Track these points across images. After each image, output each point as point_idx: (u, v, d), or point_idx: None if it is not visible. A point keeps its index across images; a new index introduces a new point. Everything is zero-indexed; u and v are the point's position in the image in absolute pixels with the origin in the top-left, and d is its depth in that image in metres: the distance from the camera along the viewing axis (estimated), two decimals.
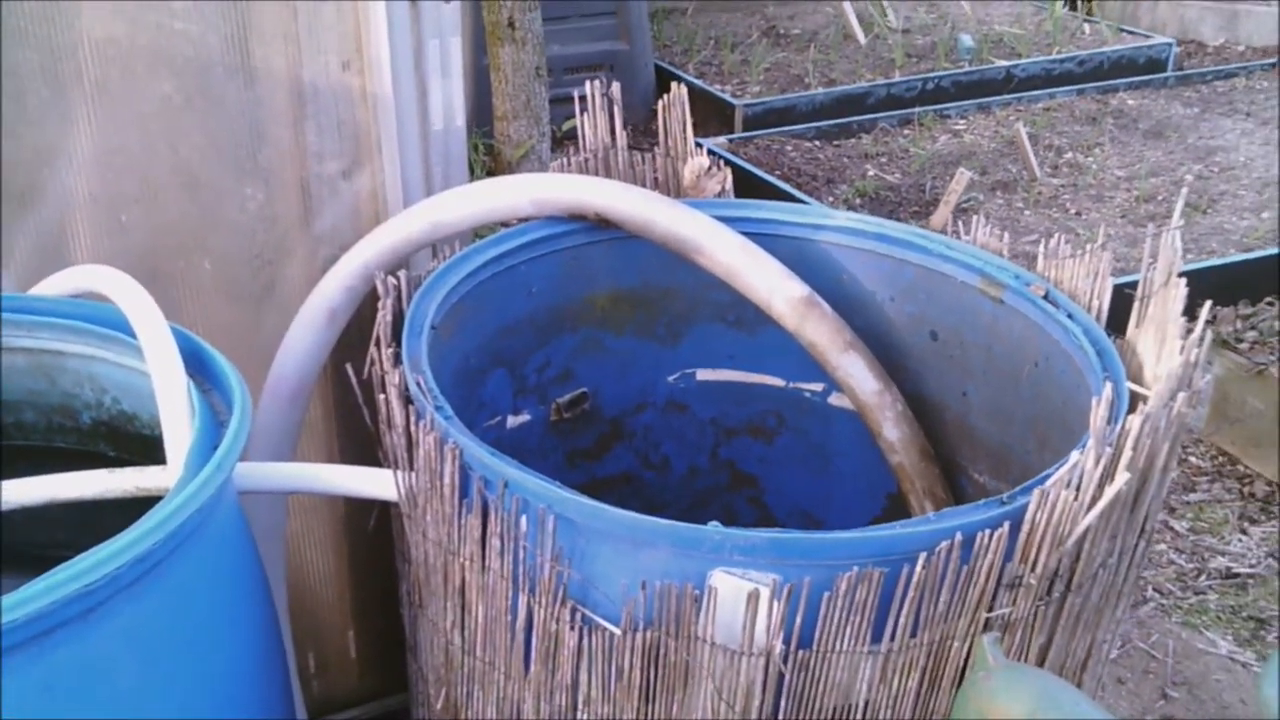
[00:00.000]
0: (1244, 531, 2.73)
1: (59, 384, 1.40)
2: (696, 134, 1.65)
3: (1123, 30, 5.55)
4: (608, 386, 1.69)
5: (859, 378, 1.54)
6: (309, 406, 1.59)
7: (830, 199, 4.05)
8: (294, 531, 1.72)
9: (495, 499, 1.11)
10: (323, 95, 1.56)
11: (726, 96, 4.78)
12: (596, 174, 1.63)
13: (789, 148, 4.42)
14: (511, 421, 1.62)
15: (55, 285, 1.37)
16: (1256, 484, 2.89)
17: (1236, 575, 2.59)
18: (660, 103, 1.60)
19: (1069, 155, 4.40)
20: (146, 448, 1.38)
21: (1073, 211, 3.98)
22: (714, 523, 1.04)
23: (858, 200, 4.06)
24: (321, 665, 1.82)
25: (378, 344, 1.30)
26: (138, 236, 1.53)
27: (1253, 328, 3.10)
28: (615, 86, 1.60)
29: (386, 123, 1.59)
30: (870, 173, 4.29)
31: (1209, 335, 1.15)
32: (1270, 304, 3.19)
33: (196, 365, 1.28)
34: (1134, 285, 1.34)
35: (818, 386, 1.70)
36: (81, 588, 0.93)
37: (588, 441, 1.72)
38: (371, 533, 1.54)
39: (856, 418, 1.62)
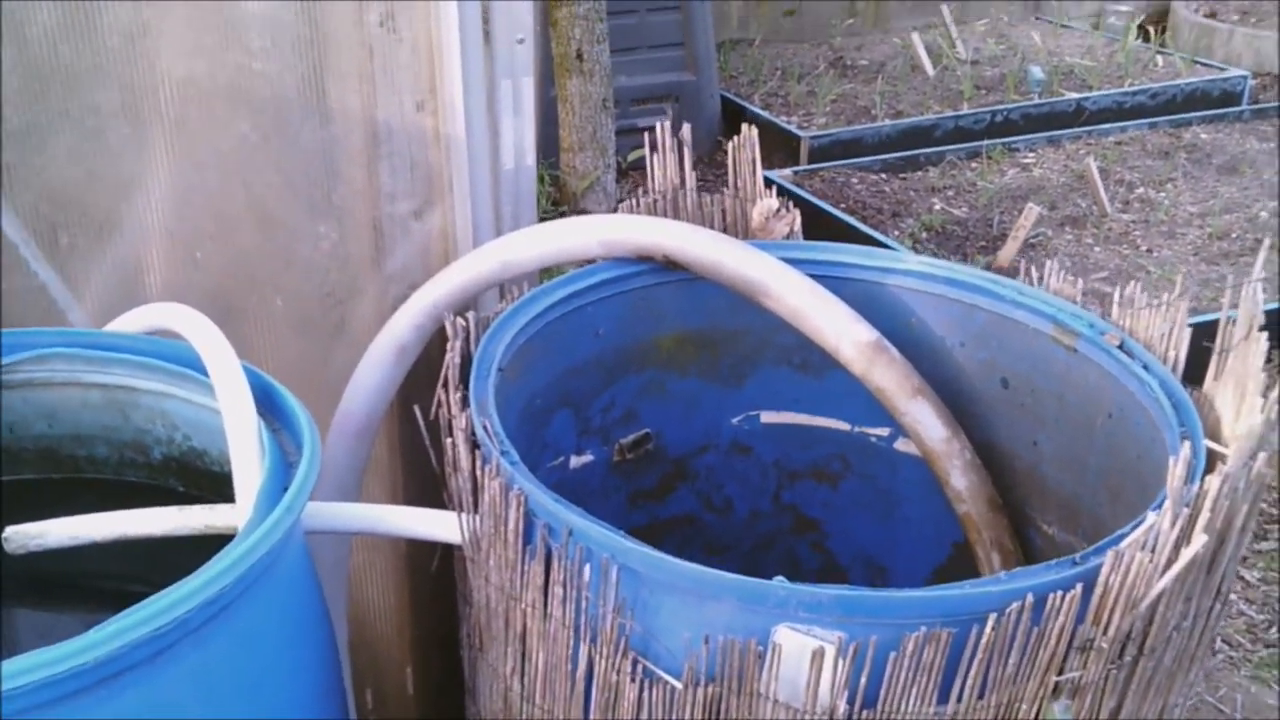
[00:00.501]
0: None
1: (132, 420, 1.42)
2: (762, 167, 1.64)
3: (1196, 62, 5.47)
4: (671, 428, 1.69)
5: (926, 424, 1.52)
6: (375, 444, 1.60)
7: (896, 233, 4.02)
8: (356, 566, 1.73)
9: (559, 547, 1.11)
10: (396, 135, 1.57)
11: (792, 128, 4.78)
12: (665, 214, 1.63)
13: (854, 180, 4.40)
14: (575, 462, 1.62)
15: (130, 322, 1.40)
16: None
17: None
18: (730, 143, 1.60)
19: (1140, 190, 4.34)
20: (216, 484, 1.39)
21: (1144, 249, 3.92)
22: (780, 577, 1.03)
23: (924, 234, 4.03)
24: (380, 701, 1.83)
25: (445, 385, 1.30)
26: (212, 273, 1.55)
27: None
28: (686, 129, 1.60)
29: (459, 163, 1.60)
30: (937, 206, 4.26)
31: None
32: None
33: (267, 404, 1.29)
34: (1208, 325, 1.30)
35: (884, 431, 1.68)
36: (151, 631, 0.94)
37: (650, 483, 1.71)
38: (434, 573, 1.54)
39: (923, 464, 1.60)
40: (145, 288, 1.54)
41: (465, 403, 1.27)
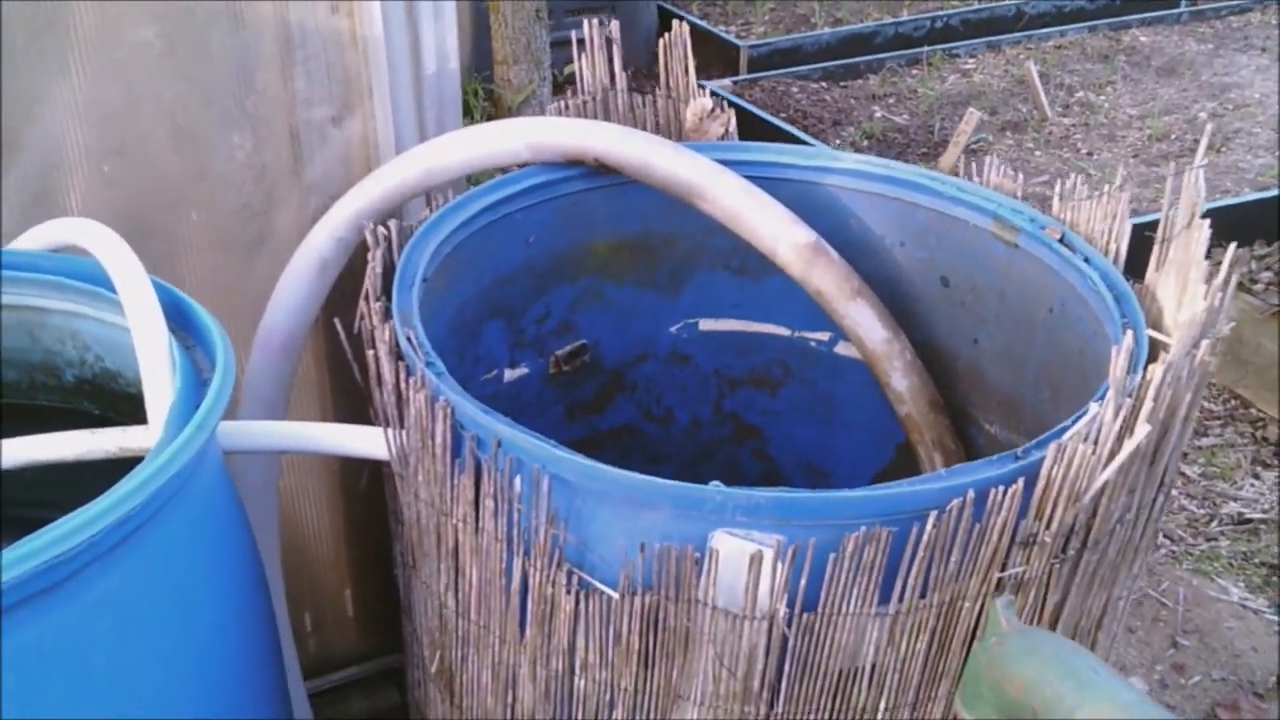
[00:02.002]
0: (1256, 477, 2.69)
1: (41, 341, 1.35)
2: (700, 76, 1.59)
3: None
4: (608, 338, 1.65)
5: (867, 326, 1.49)
6: (301, 360, 1.54)
7: (837, 141, 3.97)
8: (289, 488, 1.68)
9: (488, 459, 1.07)
10: (311, 38, 1.50)
11: (731, 38, 4.69)
12: (596, 117, 1.57)
13: (795, 89, 4.34)
14: (509, 375, 1.58)
15: (36, 239, 1.33)
16: (1269, 428, 2.85)
17: (1249, 521, 2.56)
18: (661, 42, 1.54)
19: (1080, 94, 4.31)
20: (132, 406, 1.33)
21: (1084, 151, 3.91)
22: (715, 482, 1.00)
23: (865, 142, 3.99)
24: (318, 623, 1.79)
25: (366, 298, 1.25)
26: (123, 189, 1.48)
27: (1268, 268, 3.04)
28: (614, 26, 1.54)
29: (378, 66, 1.53)
30: (878, 114, 4.21)
31: (1234, 279, 1.10)
32: None
33: (180, 320, 1.24)
34: (1150, 226, 1.28)
35: (824, 335, 1.65)
36: (56, 555, 0.89)
37: (588, 394, 1.67)
38: (365, 492, 1.50)
39: (864, 367, 1.57)
40: (54, 207, 1.46)
41: (388, 314, 1.21)
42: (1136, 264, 1.33)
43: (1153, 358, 1.12)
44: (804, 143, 3.84)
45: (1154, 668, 2.20)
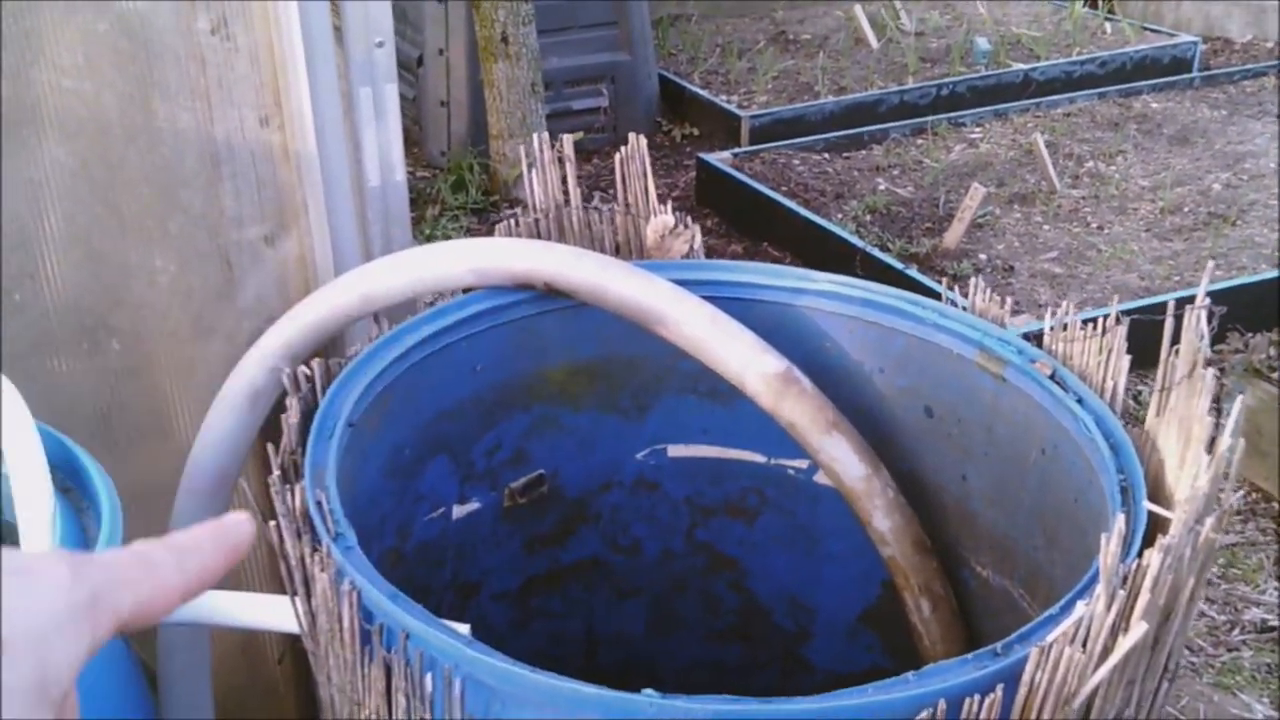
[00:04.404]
0: None
1: None
2: (701, 148, 1.48)
3: (1145, 29, 5.34)
4: (568, 467, 1.52)
5: (844, 462, 1.36)
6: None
7: (839, 215, 3.86)
8: (228, 641, 1.57)
9: (398, 652, 0.94)
10: (239, 154, 1.40)
11: (732, 108, 4.61)
12: (548, 235, 1.46)
13: (796, 161, 4.24)
14: (458, 511, 1.45)
15: None
16: None
17: (1273, 629, 2.40)
18: (617, 156, 1.43)
19: (1090, 164, 4.20)
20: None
21: (1094, 225, 3.79)
22: (648, 690, 0.87)
23: (868, 216, 3.88)
24: None
25: (280, 452, 1.13)
26: (32, 317, 1.37)
27: None
28: (567, 141, 1.43)
29: (313, 182, 1.43)
30: (881, 186, 4.11)
31: (1240, 445, 0.97)
32: None
33: (70, 475, 1.12)
34: (1159, 308, 1.14)
35: (802, 463, 1.52)
36: None
37: (547, 526, 1.55)
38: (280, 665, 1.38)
39: None
40: None
41: (299, 473, 1.09)
42: (1144, 348, 1.20)
43: (1152, 530, 0.99)
44: (803, 220, 3.73)
45: None
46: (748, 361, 1.34)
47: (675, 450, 1.55)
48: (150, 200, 1.37)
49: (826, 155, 4.33)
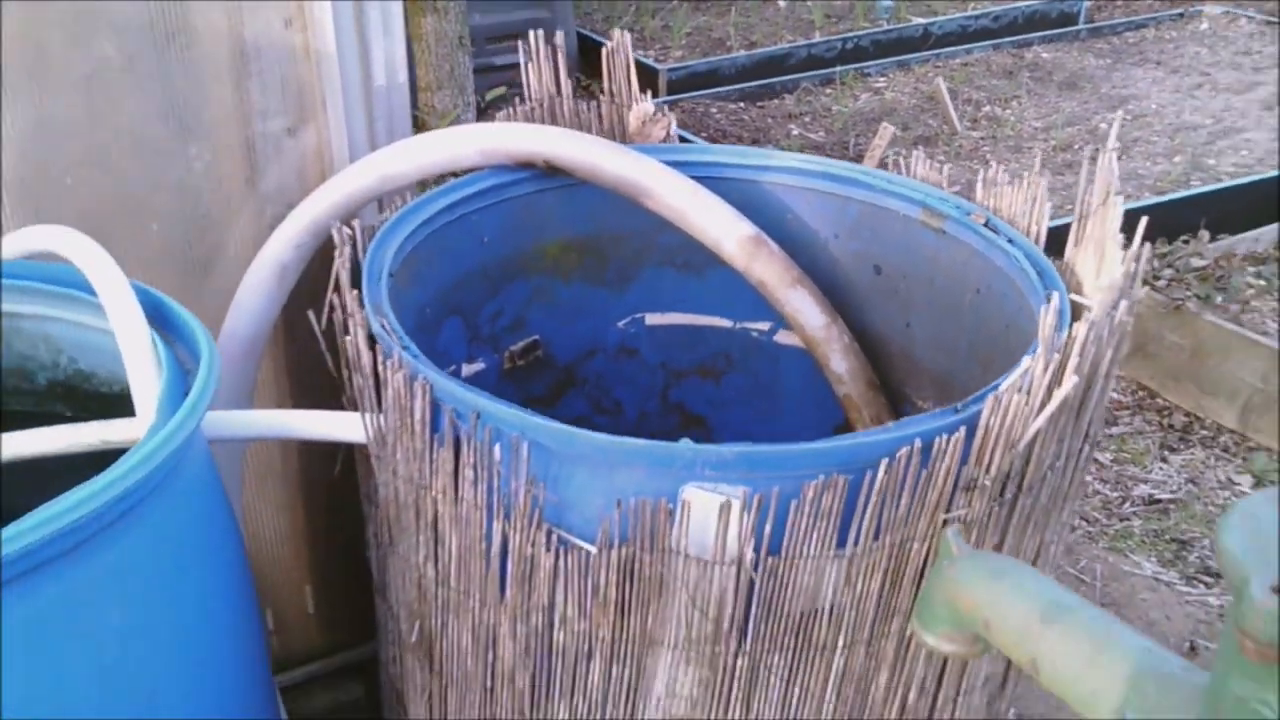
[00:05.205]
0: (1164, 460, 2.83)
1: (14, 347, 1.39)
2: None
3: None
4: (559, 334, 1.72)
5: (807, 313, 1.58)
6: (260, 366, 1.59)
7: None
8: (250, 493, 1.73)
9: (468, 431, 1.14)
10: (265, 53, 1.56)
11: (650, 61, 4.80)
12: (542, 122, 1.65)
13: (714, 110, 4.46)
14: (466, 370, 1.64)
15: (7, 248, 1.37)
16: (1175, 415, 3.00)
17: (1158, 501, 2.69)
18: (604, 50, 1.63)
19: (987, 109, 4.49)
20: (105, 406, 1.38)
21: (993, 163, 4.06)
22: (685, 440, 1.08)
23: None
24: (280, 622, 1.83)
25: (338, 290, 1.31)
26: (84, 200, 1.52)
27: (1170, 265, 3.20)
28: (559, 35, 1.62)
29: (330, 79, 1.60)
30: (795, 132, 4.35)
31: (1148, 248, 1.21)
32: (1185, 242, 3.29)
33: (158, 318, 1.29)
34: (1058, 230, 1.38)
35: (765, 325, 1.74)
36: (68, 524, 0.94)
37: (541, 389, 1.74)
38: (328, 491, 1.54)
39: (803, 354, 1.66)
40: (17, 217, 1.50)
41: (360, 304, 1.28)
42: (1053, 252, 1.44)
43: (1075, 320, 1.22)
44: None
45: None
46: (724, 227, 1.55)
47: (653, 318, 1.76)
48: (188, 93, 1.53)
49: (742, 104, 4.55)
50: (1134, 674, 0.83)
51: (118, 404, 1.37)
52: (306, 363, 1.70)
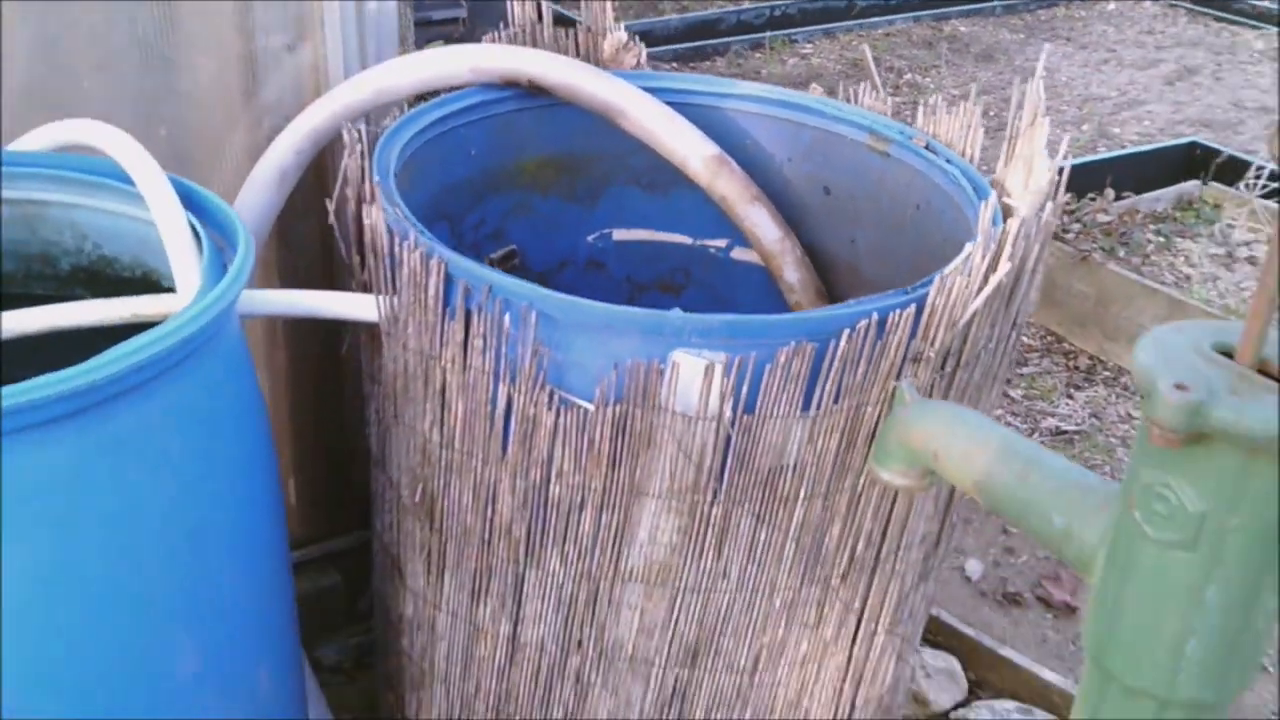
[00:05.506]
0: (1070, 397, 3.06)
1: (39, 233, 1.50)
2: None
3: None
4: (535, 245, 1.86)
5: (763, 227, 1.75)
6: (256, 272, 1.71)
7: None
8: None
9: (478, 303, 1.28)
10: None
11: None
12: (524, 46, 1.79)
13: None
14: None
15: (37, 140, 1.47)
16: (1080, 358, 3.24)
17: (1064, 432, 2.92)
18: None
19: (909, 76, 4.70)
20: (125, 291, 1.49)
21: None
22: (676, 309, 1.24)
23: None
24: None
25: (346, 183, 1.44)
26: (100, 103, 1.63)
27: (1078, 220, 3.44)
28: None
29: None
30: None
31: (1070, 159, 1.39)
32: (1092, 199, 3.53)
33: (189, 204, 1.40)
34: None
35: (722, 243, 1.90)
36: (145, 358, 1.07)
37: None
38: (312, 388, 1.67)
39: (756, 270, 1.84)
40: (33, 119, 1.60)
41: (373, 196, 1.41)
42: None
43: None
44: None
45: (988, 551, 2.53)
46: (691, 147, 1.71)
47: (620, 234, 1.91)
48: (196, 8, 1.64)
49: (674, 65, 4.70)
50: (1060, 486, 1.01)
51: (139, 288, 1.49)
52: (300, 272, 1.83)
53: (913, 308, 1.26)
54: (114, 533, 1.12)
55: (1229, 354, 0.87)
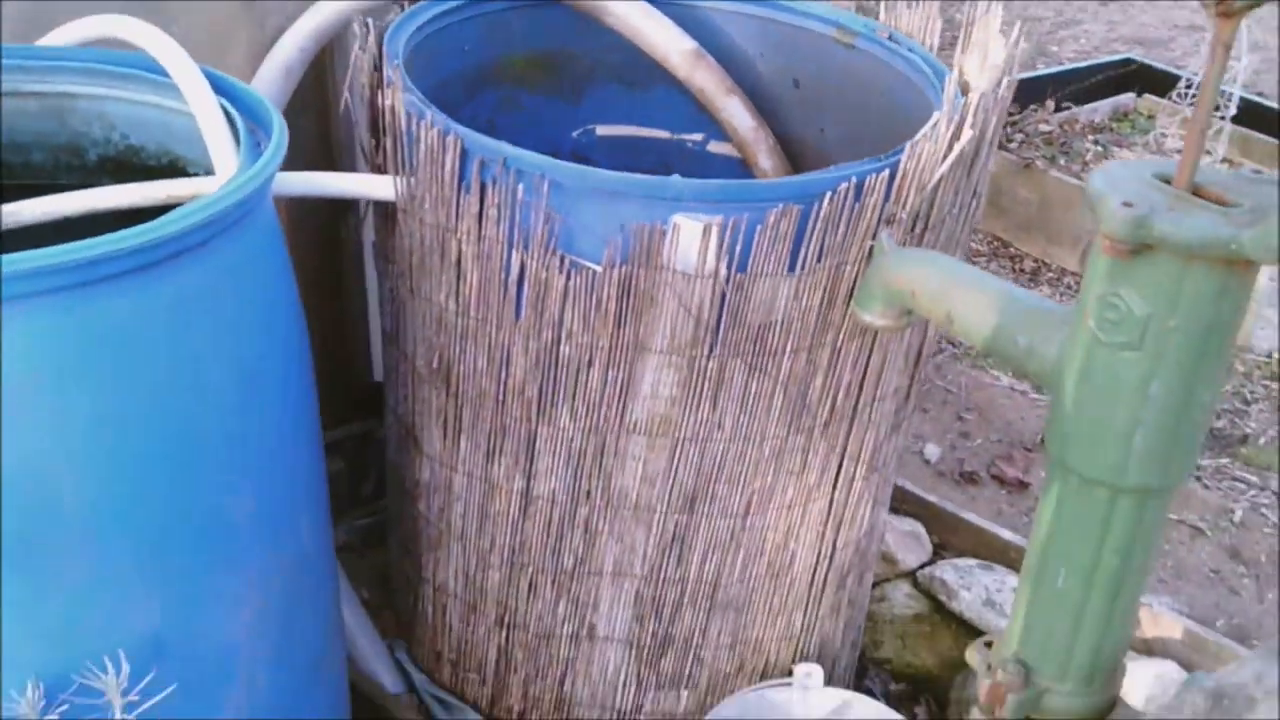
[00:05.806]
0: None
1: (68, 124, 1.59)
2: None
3: None
4: (523, 139, 1.95)
5: (739, 117, 1.88)
6: None
7: None
8: None
9: (494, 175, 1.40)
10: None
11: None
12: None
13: None
14: None
15: (65, 35, 1.56)
16: (1025, 261, 3.42)
17: None
18: None
19: None
20: (151, 179, 1.59)
21: None
22: (676, 175, 1.37)
23: None
24: None
25: (357, 70, 1.55)
26: (108, 6, 1.71)
27: (1020, 131, 3.60)
28: None
29: None
30: None
31: (1024, 41, 1.53)
32: (1034, 110, 3.69)
33: (220, 92, 1.50)
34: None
35: (699, 137, 2.03)
36: (198, 221, 1.17)
37: None
38: (314, 286, 1.80)
39: (731, 163, 1.97)
40: (42, 23, 1.69)
41: (386, 81, 1.52)
42: None
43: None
44: None
45: (945, 435, 2.70)
46: (671, 43, 1.83)
47: (603, 130, 2.03)
48: None
49: None
50: (1022, 311, 1.16)
51: (165, 176, 1.59)
52: (299, 165, 1.93)
53: (887, 172, 1.40)
54: (175, 379, 1.24)
55: (1168, 182, 1.02)
